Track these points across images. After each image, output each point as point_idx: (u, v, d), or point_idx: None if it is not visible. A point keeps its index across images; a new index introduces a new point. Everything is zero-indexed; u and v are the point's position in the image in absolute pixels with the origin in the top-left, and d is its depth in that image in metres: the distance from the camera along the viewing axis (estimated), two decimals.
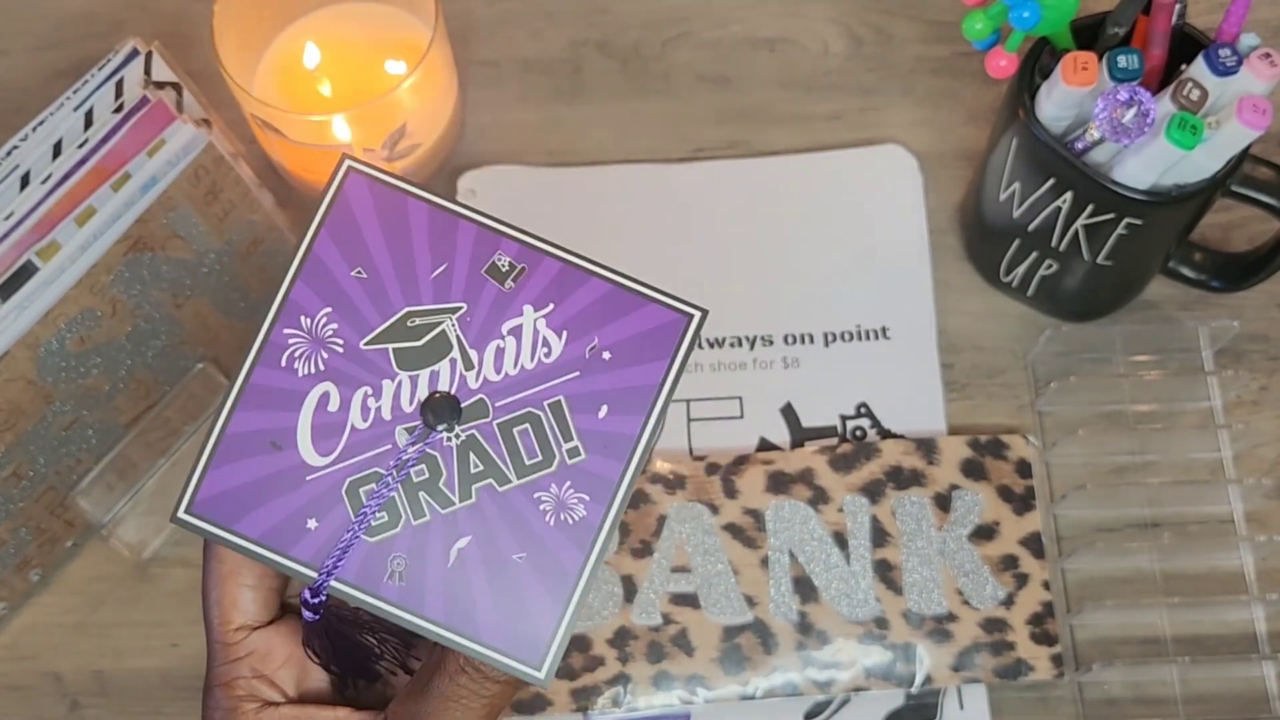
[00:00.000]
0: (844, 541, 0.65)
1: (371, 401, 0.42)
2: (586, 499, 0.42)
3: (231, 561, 0.43)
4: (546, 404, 0.42)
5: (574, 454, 0.42)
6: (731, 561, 0.65)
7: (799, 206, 0.73)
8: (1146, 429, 0.68)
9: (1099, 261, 0.64)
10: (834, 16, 0.78)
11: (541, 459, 0.42)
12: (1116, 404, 0.69)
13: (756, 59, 0.77)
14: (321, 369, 0.42)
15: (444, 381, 0.42)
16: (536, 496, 0.42)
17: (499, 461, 0.42)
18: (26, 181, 0.59)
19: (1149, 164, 0.58)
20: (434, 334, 0.42)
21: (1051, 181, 0.61)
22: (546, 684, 0.40)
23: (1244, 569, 0.66)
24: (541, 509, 0.42)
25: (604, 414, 0.42)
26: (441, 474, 0.42)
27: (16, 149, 0.59)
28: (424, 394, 0.42)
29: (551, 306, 0.43)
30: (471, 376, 0.42)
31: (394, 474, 0.42)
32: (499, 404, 0.42)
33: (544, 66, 0.77)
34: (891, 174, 0.74)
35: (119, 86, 0.60)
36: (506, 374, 0.42)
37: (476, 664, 0.41)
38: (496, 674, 0.41)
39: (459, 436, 0.42)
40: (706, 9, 0.78)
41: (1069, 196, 0.61)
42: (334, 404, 0.42)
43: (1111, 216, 0.60)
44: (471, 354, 0.42)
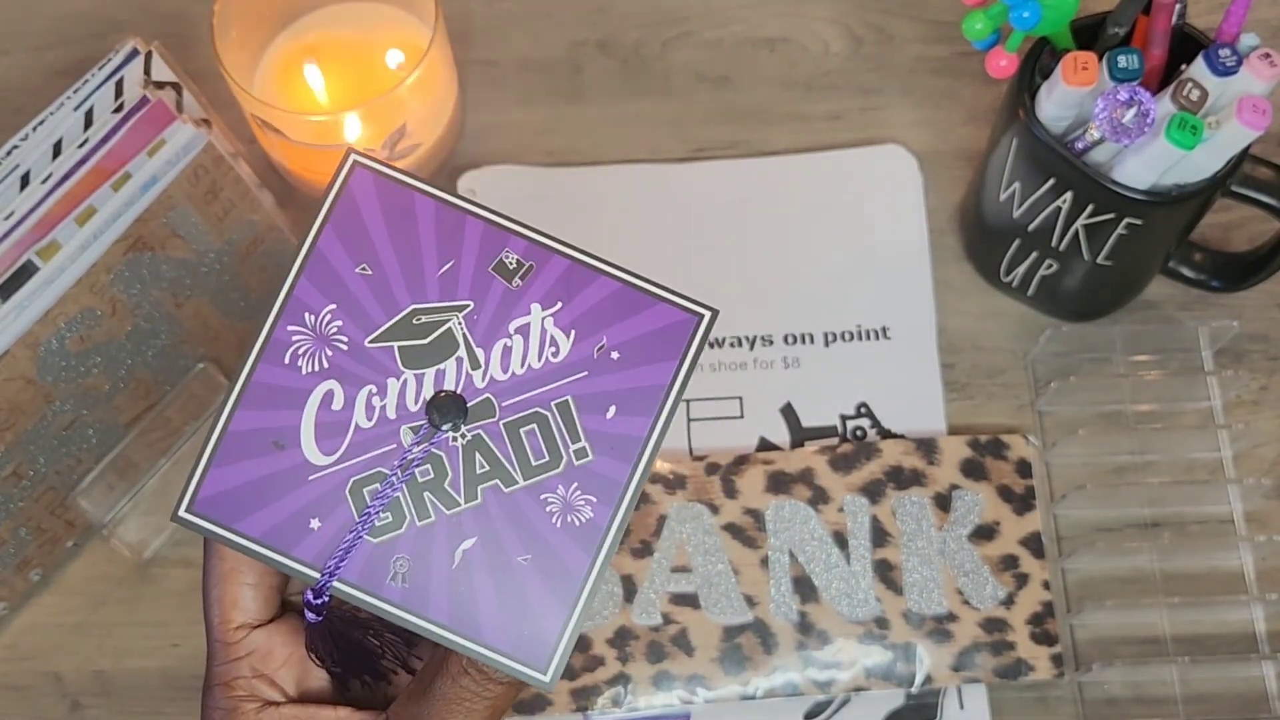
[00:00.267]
0: (844, 541, 0.65)
1: (376, 400, 0.42)
2: (594, 500, 0.41)
3: (232, 559, 0.42)
4: (554, 404, 0.42)
5: (581, 455, 0.41)
6: (732, 561, 0.65)
7: (799, 206, 0.73)
8: (1146, 429, 0.68)
9: (1099, 261, 0.64)
10: (834, 16, 0.78)
11: (548, 460, 0.41)
12: (1116, 404, 0.69)
13: (757, 59, 0.77)
14: (325, 367, 0.42)
15: (450, 380, 0.42)
16: (543, 498, 0.41)
17: (505, 462, 0.41)
18: (27, 181, 0.59)
19: (1149, 164, 0.58)
20: (440, 332, 0.42)
21: (1052, 181, 0.61)
22: (551, 687, 0.40)
23: (1244, 569, 0.66)
24: (548, 510, 0.41)
25: (612, 414, 0.42)
26: (447, 474, 0.41)
27: (17, 149, 0.59)
28: (430, 393, 0.42)
29: (559, 305, 0.42)
30: (478, 376, 0.42)
31: (398, 474, 0.41)
32: (506, 404, 0.42)
33: (544, 66, 0.77)
34: (892, 174, 0.74)
35: (119, 86, 0.60)
36: (513, 373, 0.42)
37: (479, 666, 0.40)
38: (499, 676, 0.41)
39: (465, 436, 0.41)
40: (706, 9, 0.78)
41: (1069, 196, 0.61)
42: (338, 402, 0.42)
43: (1111, 216, 0.60)
44: (478, 353, 0.42)
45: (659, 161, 0.74)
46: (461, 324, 0.42)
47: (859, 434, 0.68)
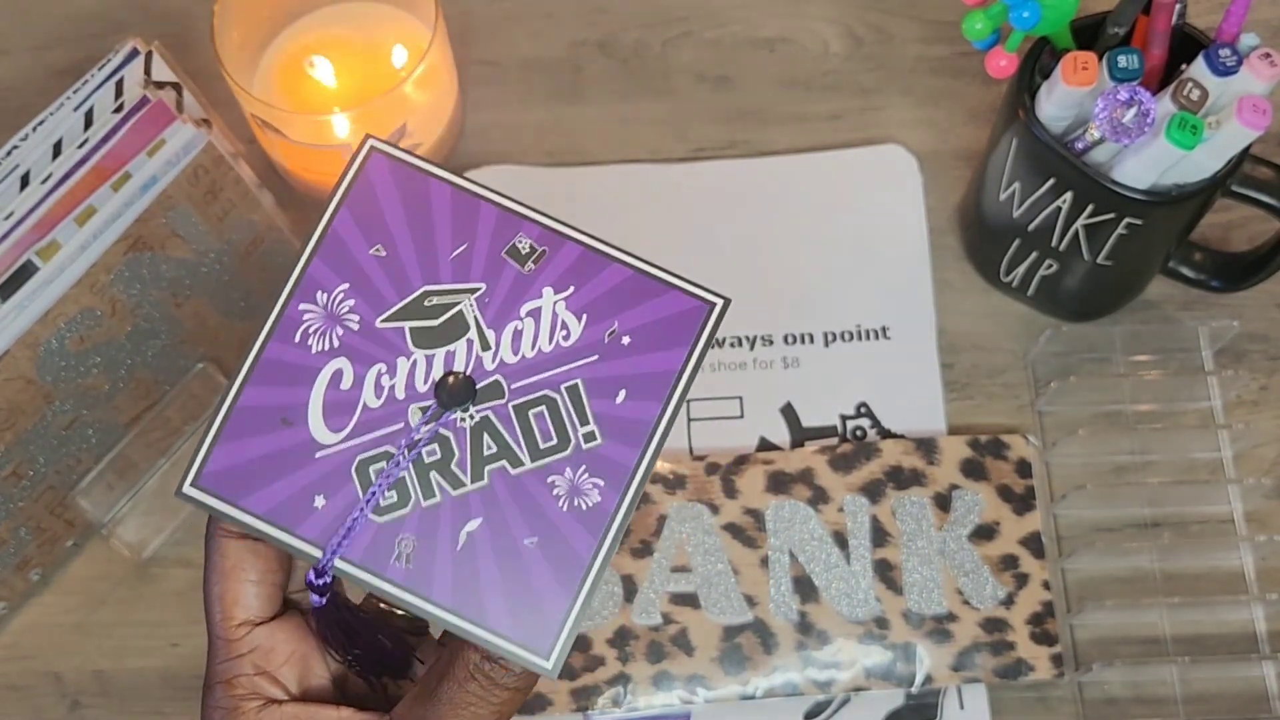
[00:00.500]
0: (844, 541, 0.65)
1: (385, 380, 0.41)
2: (601, 484, 0.41)
3: (234, 556, 0.42)
4: (564, 387, 0.41)
5: (590, 439, 0.41)
6: (731, 561, 0.65)
7: (799, 206, 0.73)
8: (1146, 429, 0.68)
9: (1099, 261, 0.64)
10: (834, 16, 0.78)
11: (556, 443, 0.41)
12: (1116, 404, 0.69)
13: (757, 59, 0.77)
14: (336, 345, 0.42)
15: (460, 362, 0.42)
16: (550, 480, 0.41)
17: (513, 444, 0.41)
18: (26, 181, 0.59)
19: (1149, 164, 0.58)
20: (451, 313, 0.42)
21: (1051, 181, 0.61)
22: (554, 675, 0.39)
23: (1244, 569, 0.66)
24: (555, 493, 0.41)
25: (622, 399, 0.41)
26: (454, 455, 0.41)
27: (16, 149, 0.59)
28: (439, 374, 0.41)
29: (571, 290, 0.42)
30: (488, 357, 0.42)
31: (405, 453, 0.41)
32: (515, 386, 0.41)
33: (544, 66, 0.77)
34: (891, 174, 0.74)
35: (119, 86, 0.60)
36: (524, 356, 0.42)
37: (486, 670, 0.40)
38: (507, 680, 0.40)
39: (473, 418, 0.41)
40: (706, 9, 0.78)
41: (1069, 196, 0.61)
42: (347, 381, 0.41)
43: (1111, 216, 0.60)
44: (489, 334, 0.42)
45: (659, 161, 0.74)
46: (473, 306, 0.42)
47: (859, 434, 0.68)
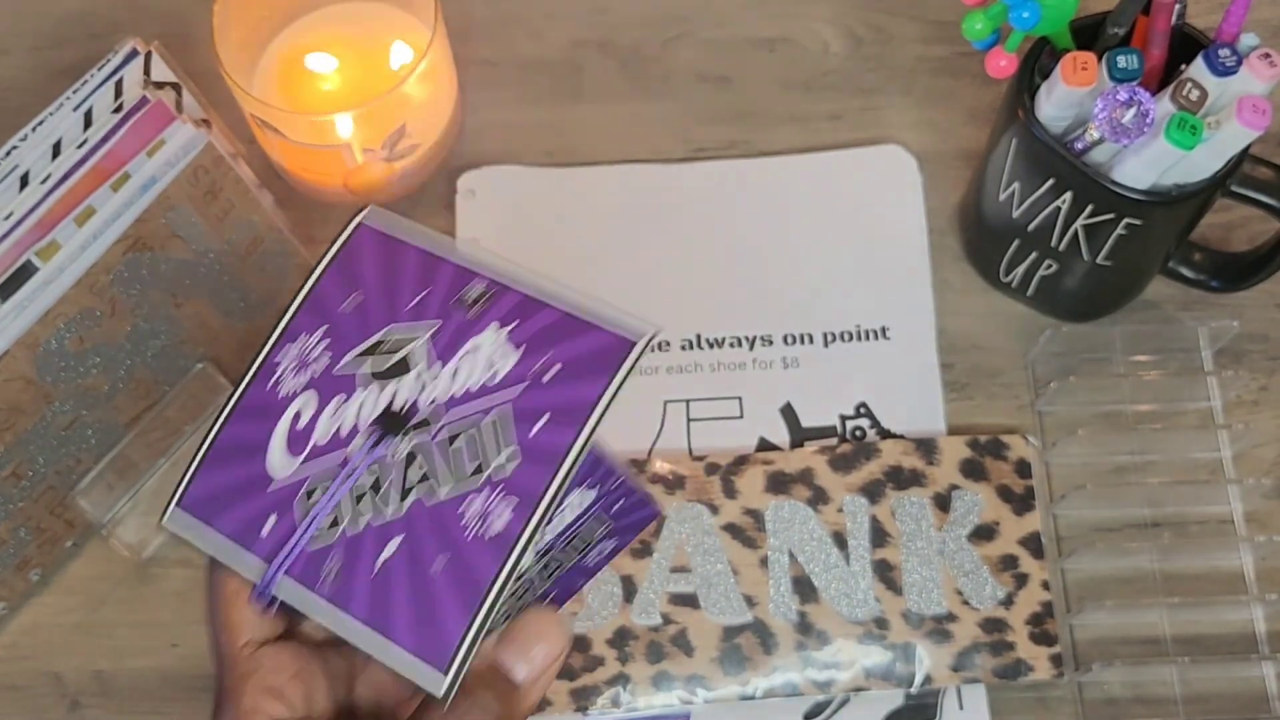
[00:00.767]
0: (844, 542, 0.65)
1: (339, 415, 0.45)
2: (512, 509, 0.42)
3: (236, 582, 0.44)
4: (492, 416, 0.44)
5: (507, 465, 0.43)
6: (731, 562, 0.65)
7: (799, 206, 0.73)
8: (1146, 429, 0.68)
9: (1099, 261, 0.64)
10: (834, 16, 0.78)
11: (476, 470, 0.43)
12: (1116, 404, 0.69)
13: (756, 59, 0.77)
14: (303, 385, 0.46)
15: (404, 396, 0.45)
16: (466, 505, 0.43)
17: (438, 472, 0.44)
18: (26, 181, 0.59)
19: (1149, 164, 0.58)
20: (403, 353, 0.46)
21: (1051, 181, 0.61)
22: (446, 693, 0.41)
23: (1244, 569, 0.66)
24: (468, 518, 0.43)
25: (542, 425, 0.43)
26: (384, 483, 0.44)
27: (16, 149, 0.59)
28: (384, 407, 0.45)
29: (510, 328, 0.45)
30: (430, 391, 0.45)
31: (341, 483, 0.44)
32: (448, 417, 0.44)
33: (544, 67, 0.77)
34: (891, 174, 0.74)
35: (118, 86, 0.60)
36: (462, 390, 0.45)
37: None
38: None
39: (404, 449, 0.44)
40: (706, 9, 0.78)
41: (1068, 196, 0.61)
42: (307, 417, 0.46)
43: (1111, 217, 0.60)
44: (434, 370, 0.45)
45: (659, 161, 0.74)
46: (424, 345, 0.46)
47: (858, 434, 0.68)
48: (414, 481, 0.44)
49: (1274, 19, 0.77)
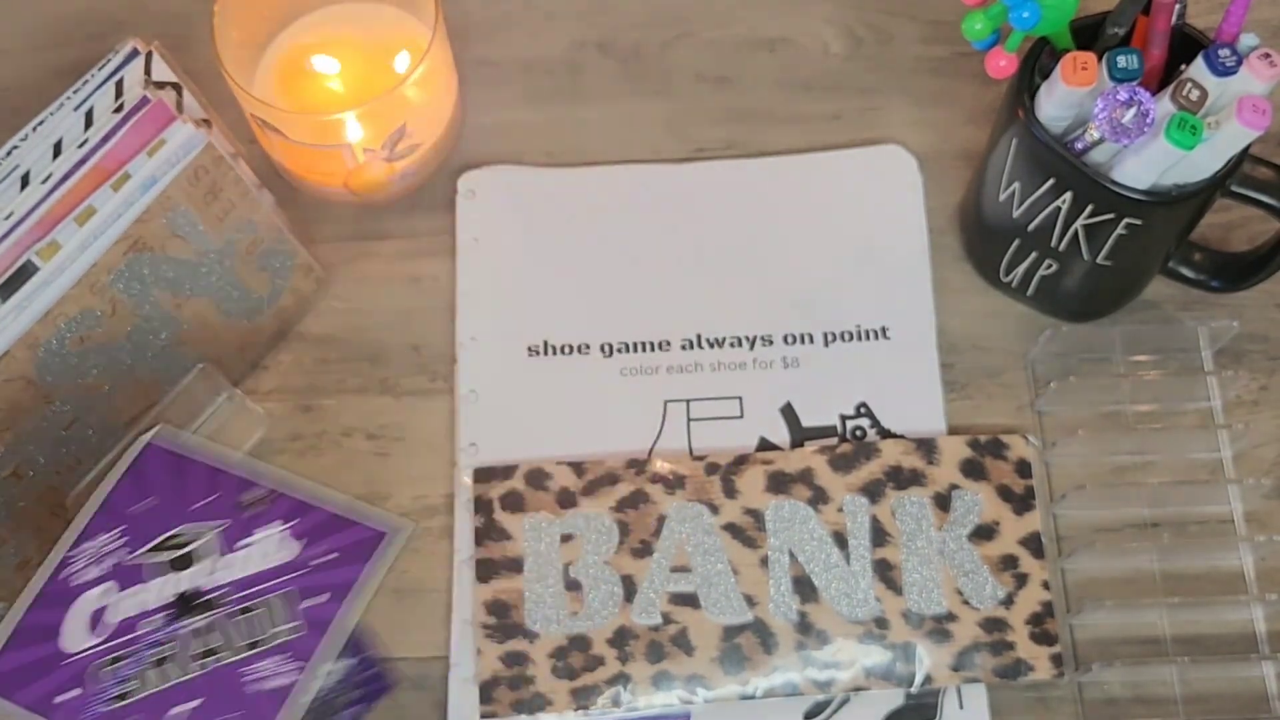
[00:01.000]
0: (844, 541, 0.65)
1: (136, 597, 0.55)
2: (291, 668, 0.54)
3: None
4: (276, 595, 0.56)
5: (288, 633, 0.55)
6: (731, 561, 0.65)
7: (799, 206, 0.73)
8: (1146, 429, 0.68)
9: (1099, 261, 0.64)
10: (834, 17, 0.78)
11: (263, 638, 0.55)
12: (1116, 404, 0.69)
13: (756, 59, 0.77)
14: (102, 575, 0.56)
15: (197, 581, 0.56)
16: (251, 670, 0.54)
17: (230, 641, 0.55)
18: (27, 181, 0.59)
19: (1149, 164, 0.58)
20: (194, 544, 0.57)
21: (1051, 181, 0.61)
22: None
23: (1243, 569, 0.66)
24: (254, 678, 0.54)
25: (316, 602, 0.56)
26: (178, 655, 0.54)
27: (17, 149, 0.59)
28: (179, 591, 0.56)
29: (289, 525, 0.58)
30: (220, 575, 0.56)
31: (140, 654, 0.54)
32: (238, 596, 0.56)
33: (544, 67, 0.77)
34: (891, 174, 0.74)
35: (119, 86, 0.60)
36: (248, 573, 0.56)
37: None
38: None
39: (200, 623, 0.55)
40: (706, 9, 0.78)
41: (1068, 196, 0.61)
42: (106, 600, 0.55)
43: (1111, 216, 0.60)
44: (224, 559, 0.56)
45: (659, 162, 0.74)
46: (211, 537, 0.57)
47: (859, 434, 0.68)
48: (207, 649, 0.54)
49: (1274, 19, 0.77)
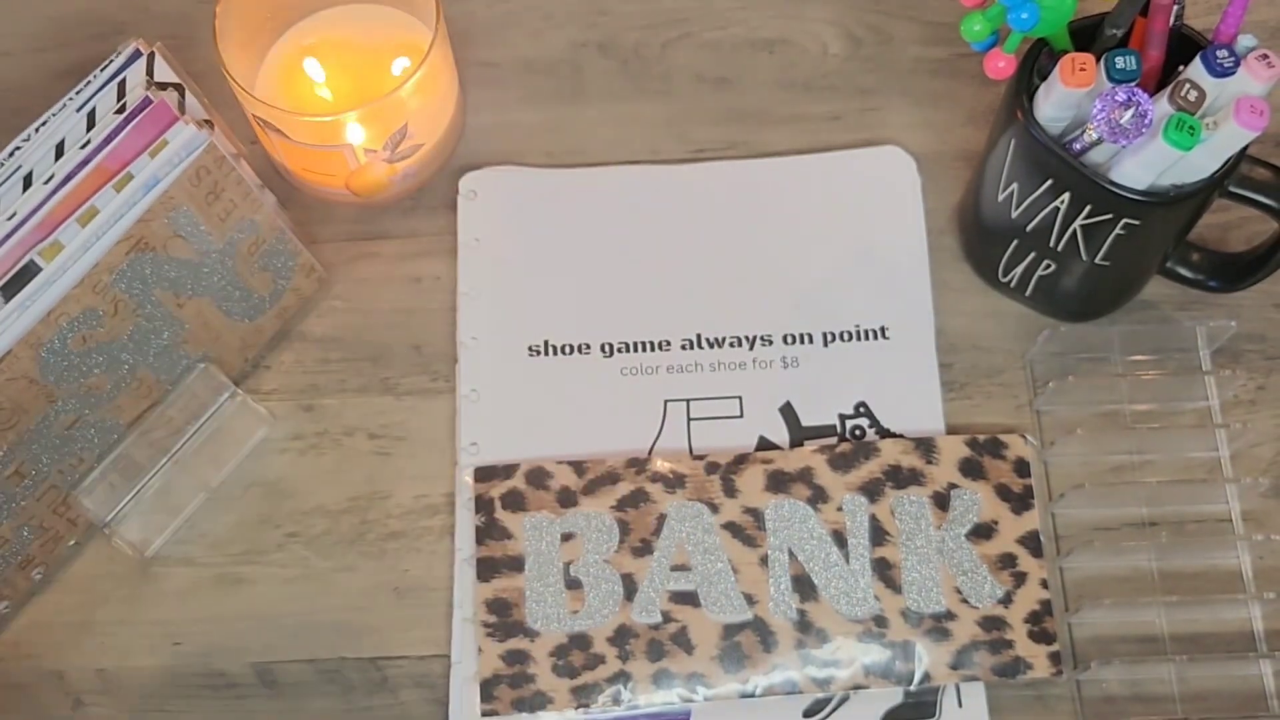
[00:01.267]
0: (843, 540, 0.65)
1: None
2: None
3: None
4: None
5: None
6: (731, 560, 0.65)
7: (798, 207, 0.73)
8: (1144, 428, 0.68)
9: (1097, 262, 0.64)
10: (833, 18, 0.78)
11: None
12: (1114, 403, 0.69)
13: (756, 60, 0.77)
14: None
15: None
16: None
17: None
18: (29, 182, 0.59)
19: (1147, 165, 0.58)
20: None
21: (1049, 182, 0.61)
22: None
23: (1241, 568, 0.66)
24: None
25: None
26: None
27: (19, 149, 0.59)
28: None
29: None
30: None
31: None
32: None
33: (545, 67, 0.77)
34: (890, 175, 0.74)
35: (121, 87, 0.61)
36: None
37: None
38: None
39: None
40: (706, 10, 0.78)
41: (1067, 197, 0.61)
42: None
43: (1109, 217, 0.61)
44: None
45: (659, 162, 0.75)
46: None
47: (858, 433, 0.68)
48: None
49: (1272, 20, 0.77)
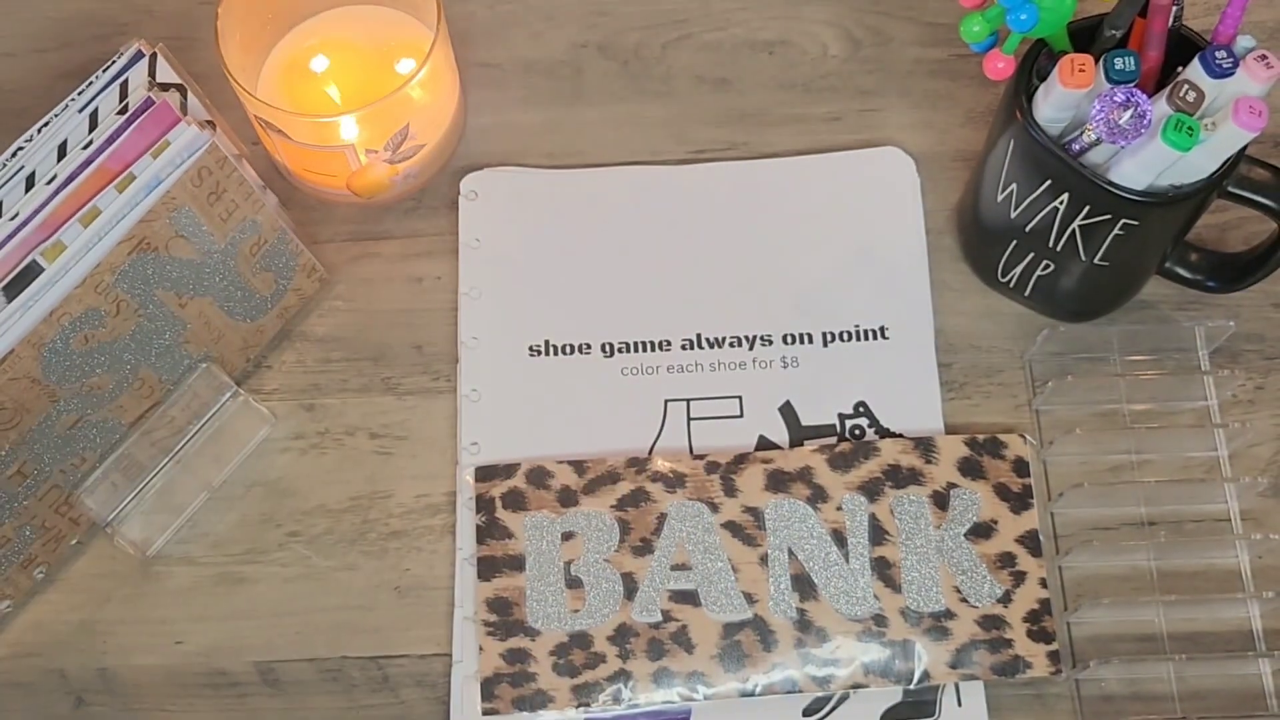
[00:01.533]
0: (843, 539, 0.65)
1: None
2: None
3: None
4: None
5: None
6: (731, 559, 0.65)
7: (798, 208, 0.74)
8: (1143, 428, 0.68)
9: (1096, 262, 0.64)
10: (833, 19, 0.78)
11: None
12: (1113, 403, 0.69)
13: (756, 61, 0.77)
14: None
15: None
16: None
17: None
18: (32, 183, 0.59)
19: (1145, 165, 0.58)
20: None
21: (1048, 182, 0.61)
22: None
23: (1240, 567, 0.66)
24: None
25: None
26: None
27: (21, 150, 0.60)
28: None
29: None
30: None
31: None
32: None
33: (545, 68, 0.77)
34: (889, 175, 0.74)
35: (124, 88, 0.61)
36: None
37: None
38: None
39: None
40: (706, 11, 0.79)
41: (1066, 197, 0.61)
42: None
43: (1108, 217, 0.61)
44: None
45: (659, 163, 0.75)
46: None
47: (857, 433, 0.68)
48: None
49: (1270, 21, 0.78)
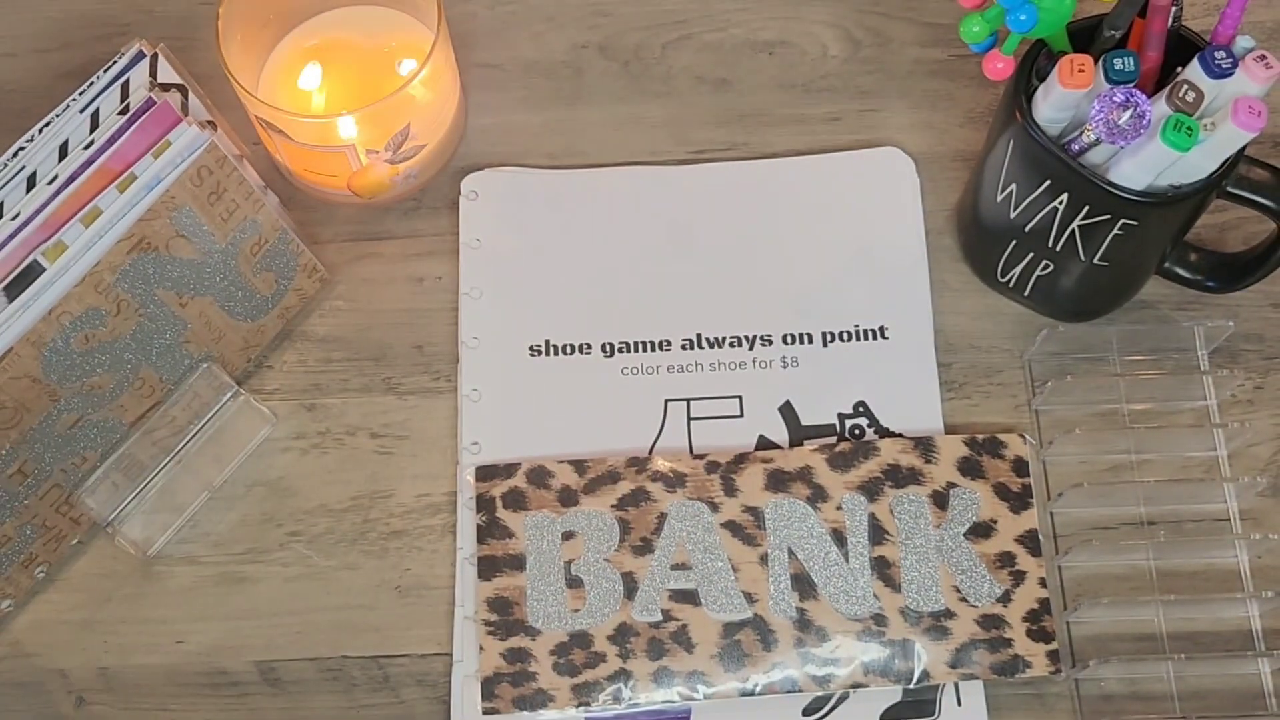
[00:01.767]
0: (842, 539, 0.65)
1: None
2: None
3: None
4: None
5: None
6: (731, 559, 0.65)
7: (798, 208, 0.74)
8: (1142, 428, 0.69)
9: (1095, 262, 0.64)
10: (832, 19, 0.78)
11: None
12: (1112, 403, 0.69)
13: (756, 61, 0.78)
14: None
15: None
16: None
17: None
18: (33, 183, 0.59)
19: (1145, 165, 0.58)
20: None
21: (1048, 183, 0.62)
22: None
23: (1239, 566, 0.66)
24: None
25: None
26: None
27: (23, 150, 0.60)
28: None
29: None
30: None
31: None
32: None
33: (545, 69, 0.77)
34: (889, 176, 0.74)
35: (125, 88, 0.61)
36: None
37: None
38: None
39: None
40: (706, 12, 0.79)
41: (1065, 197, 0.61)
42: None
43: (1107, 217, 0.61)
44: None
45: (659, 163, 0.75)
46: None
47: (857, 433, 0.69)
48: None
49: (1269, 21, 0.78)
